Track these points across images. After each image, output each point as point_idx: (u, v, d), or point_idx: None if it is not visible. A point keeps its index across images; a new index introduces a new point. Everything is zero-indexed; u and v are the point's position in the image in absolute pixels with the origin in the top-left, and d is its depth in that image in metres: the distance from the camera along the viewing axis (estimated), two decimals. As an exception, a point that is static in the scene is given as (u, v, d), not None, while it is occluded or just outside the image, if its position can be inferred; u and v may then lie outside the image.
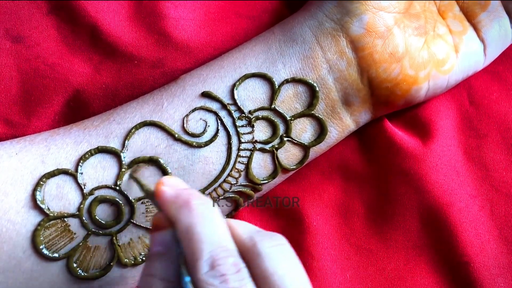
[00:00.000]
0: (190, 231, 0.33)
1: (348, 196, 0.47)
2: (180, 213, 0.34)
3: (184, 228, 0.34)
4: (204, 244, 0.33)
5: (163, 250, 0.35)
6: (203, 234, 0.33)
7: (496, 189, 0.46)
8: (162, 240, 0.35)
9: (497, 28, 0.46)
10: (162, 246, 0.35)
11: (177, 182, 0.37)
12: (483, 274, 0.44)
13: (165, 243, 0.35)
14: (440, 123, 0.47)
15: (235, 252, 0.34)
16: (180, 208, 0.34)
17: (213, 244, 0.33)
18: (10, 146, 0.42)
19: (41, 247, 0.41)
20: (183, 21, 0.46)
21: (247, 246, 0.34)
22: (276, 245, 0.34)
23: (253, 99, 0.43)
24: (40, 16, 0.45)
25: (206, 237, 0.33)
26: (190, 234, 0.33)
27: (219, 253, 0.33)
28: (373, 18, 0.43)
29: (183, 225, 0.34)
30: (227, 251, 0.33)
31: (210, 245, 0.33)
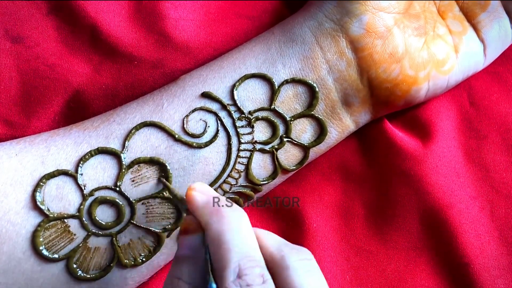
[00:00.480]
0: (220, 238, 0.33)
1: (348, 197, 0.47)
2: (211, 219, 0.34)
3: (214, 234, 0.34)
4: (232, 253, 0.33)
5: (191, 254, 0.35)
6: (232, 242, 0.33)
7: (496, 190, 0.46)
8: (190, 244, 0.35)
9: (497, 28, 0.46)
10: (190, 250, 0.35)
11: (207, 188, 0.37)
12: (483, 275, 0.44)
13: (194, 247, 0.35)
14: (440, 124, 0.47)
15: (262, 263, 0.34)
16: (211, 214, 0.35)
17: (241, 253, 0.33)
18: (10, 147, 0.42)
19: (41, 248, 0.40)
20: (183, 21, 0.46)
21: (274, 258, 0.34)
22: (303, 259, 0.34)
23: (253, 100, 0.43)
24: (40, 16, 0.45)
25: (235, 246, 0.33)
26: (219, 241, 0.33)
27: (246, 263, 0.33)
28: (372, 18, 0.43)
29: (213, 231, 0.34)
30: (254, 261, 0.33)
31: (238, 254, 0.33)
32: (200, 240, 0.35)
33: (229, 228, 0.34)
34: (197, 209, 0.36)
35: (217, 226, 0.34)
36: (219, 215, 0.34)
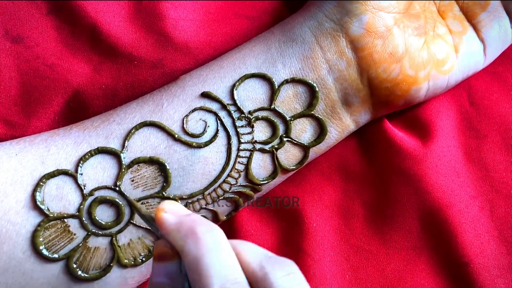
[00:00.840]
0: (198, 263, 0.32)
1: (348, 196, 0.47)
2: (186, 243, 0.32)
3: (191, 260, 0.32)
4: (214, 279, 0.31)
5: (167, 282, 0.33)
6: (211, 267, 0.32)
7: (496, 190, 0.46)
8: (166, 271, 0.33)
9: (497, 28, 0.46)
10: (167, 277, 0.33)
11: (178, 208, 0.35)
12: (483, 275, 0.44)
13: (170, 275, 0.33)
14: (440, 124, 0.47)
15: (245, 284, 0.32)
16: (185, 238, 0.32)
17: (223, 277, 0.32)
18: (10, 147, 0.42)
19: (41, 248, 0.40)
20: (182, 21, 0.46)
21: (257, 276, 0.32)
22: (288, 274, 0.32)
23: (253, 100, 0.43)
24: (39, 16, 0.45)
25: (215, 270, 0.32)
26: (198, 267, 0.32)
27: (229, 287, 0.31)
28: (372, 18, 0.43)
29: (190, 257, 0.32)
30: (236, 284, 0.32)
31: (219, 279, 0.31)
32: (177, 267, 0.33)
33: (207, 252, 0.32)
34: (170, 232, 0.33)
35: (194, 250, 0.32)
36: (194, 238, 0.32)
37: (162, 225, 0.34)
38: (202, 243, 0.32)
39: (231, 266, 0.32)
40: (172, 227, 0.33)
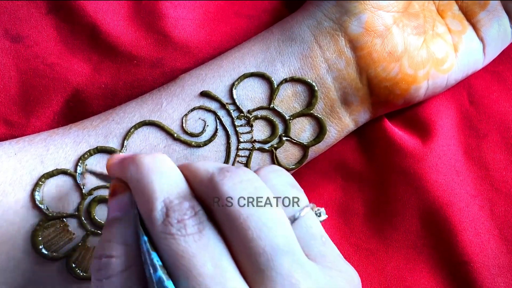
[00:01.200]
0: (140, 184, 0.32)
1: (348, 195, 0.47)
2: (129, 171, 0.33)
3: (134, 184, 0.32)
4: (156, 193, 0.31)
5: (121, 215, 0.33)
6: (153, 184, 0.32)
7: (496, 189, 0.46)
8: (119, 204, 0.34)
9: (496, 27, 0.46)
10: (120, 210, 0.33)
11: (124, 154, 0.35)
12: (483, 273, 0.44)
13: (123, 207, 0.33)
14: (440, 123, 0.47)
15: (189, 196, 0.32)
16: (127, 167, 0.33)
17: (165, 191, 0.31)
18: (9, 147, 0.42)
19: (40, 247, 0.41)
20: (182, 20, 0.46)
21: (207, 188, 0.32)
22: (239, 183, 0.31)
23: (252, 99, 0.43)
24: (39, 16, 0.45)
25: (157, 186, 0.31)
26: (140, 187, 0.32)
27: (172, 199, 0.31)
28: (371, 17, 0.43)
29: (133, 181, 0.32)
30: (180, 197, 0.31)
31: (161, 193, 0.31)
32: (128, 198, 0.33)
33: (148, 172, 0.32)
34: (117, 171, 0.34)
35: (135, 174, 0.32)
36: (135, 163, 0.32)
37: (110, 168, 0.34)
38: (143, 166, 0.32)
39: (174, 181, 0.32)
40: (117, 165, 0.34)
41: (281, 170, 0.35)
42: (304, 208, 0.33)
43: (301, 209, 0.33)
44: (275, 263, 0.30)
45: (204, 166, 0.33)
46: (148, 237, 0.31)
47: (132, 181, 0.33)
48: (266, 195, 0.32)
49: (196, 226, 0.31)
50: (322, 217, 0.35)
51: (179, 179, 0.33)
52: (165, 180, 0.32)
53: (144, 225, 0.32)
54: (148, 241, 0.31)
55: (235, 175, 0.32)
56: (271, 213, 0.31)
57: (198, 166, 0.33)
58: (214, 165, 0.33)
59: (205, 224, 0.31)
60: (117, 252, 0.32)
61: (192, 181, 0.33)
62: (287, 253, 0.30)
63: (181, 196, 0.32)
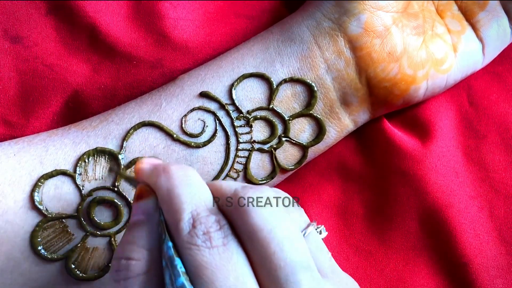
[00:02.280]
0: (170, 194, 0.33)
1: (347, 196, 0.47)
2: (159, 180, 0.34)
3: (163, 192, 0.33)
4: (184, 205, 0.32)
5: (145, 219, 0.34)
6: (182, 196, 0.33)
7: (495, 190, 0.46)
8: (144, 208, 0.34)
9: (495, 27, 0.46)
10: (144, 214, 0.34)
11: (153, 159, 0.36)
12: (482, 275, 0.44)
13: (147, 212, 0.34)
14: (440, 124, 0.47)
15: (216, 211, 0.33)
16: (158, 175, 0.34)
17: (193, 204, 0.32)
18: (8, 147, 0.42)
19: (39, 248, 0.40)
20: (182, 21, 0.46)
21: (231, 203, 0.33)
22: (262, 198, 0.33)
23: (251, 99, 0.43)
24: (38, 16, 0.45)
25: (186, 198, 0.32)
26: (169, 197, 0.33)
27: (200, 212, 0.32)
28: (371, 17, 0.43)
29: (162, 189, 0.33)
30: (208, 210, 0.32)
31: (190, 205, 0.32)
32: (153, 203, 0.34)
33: (178, 183, 0.33)
34: (146, 176, 0.35)
35: (166, 183, 0.33)
36: (166, 174, 0.33)
37: (139, 172, 0.35)
38: (174, 177, 0.33)
39: (201, 194, 0.33)
40: (147, 171, 0.35)
41: None
42: (309, 226, 0.35)
43: (306, 227, 0.35)
44: (294, 278, 0.30)
45: (228, 184, 0.34)
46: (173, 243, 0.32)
47: (161, 190, 0.33)
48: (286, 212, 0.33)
49: (221, 239, 0.31)
50: (323, 234, 0.36)
51: (207, 194, 0.34)
52: (194, 193, 0.33)
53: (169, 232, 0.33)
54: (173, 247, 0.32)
55: (259, 192, 0.33)
56: (292, 228, 0.32)
57: (222, 183, 0.34)
58: (238, 183, 0.35)
59: (230, 238, 0.32)
60: (138, 255, 0.33)
61: (217, 197, 0.34)
62: (306, 269, 0.31)
63: (208, 209, 0.33)
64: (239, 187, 0.34)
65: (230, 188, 0.34)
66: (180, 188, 0.33)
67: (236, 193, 0.33)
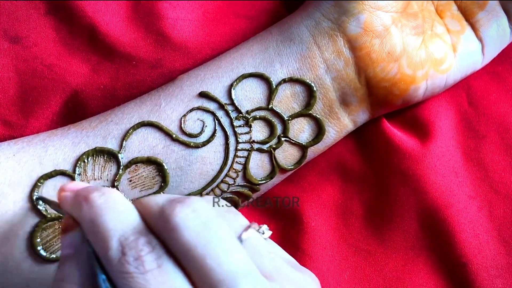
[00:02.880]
0: (94, 224, 0.31)
1: (347, 196, 0.47)
2: (81, 211, 0.32)
3: (87, 224, 0.32)
4: (110, 232, 0.31)
5: (73, 252, 0.33)
6: (107, 223, 0.31)
7: (495, 190, 0.46)
8: (71, 241, 0.33)
9: (495, 27, 0.46)
10: (72, 248, 0.33)
11: (76, 184, 0.35)
12: (481, 275, 0.44)
13: (75, 244, 0.33)
14: (439, 124, 0.47)
15: (145, 231, 0.31)
16: (80, 205, 0.32)
17: (120, 229, 0.31)
18: (7, 147, 0.42)
19: (39, 249, 0.40)
20: (181, 21, 0.46)
21: (159, 221, 0.31)
22: (191, 212, 0.31)
23: (251, 99, 0.43)
24: (38, 16, 0.45)
25: (111, 225, 0.31)
26: (94, 227, 0.31)
27: (127, 237, 0.31)
28: (370, 17, 0.43)
29: (86, 221, 0.32)
30: (136, 233, 0.31)
31: (116, 231, 0.31)
32: (79, 235, 0.33)
33: (101, 211, 0.31)
34: (68, 207, 0.34)
35: (88, 214, 0.32)
36: (88, 203, 0.32)
37: (62, 203, 0.34)
38: (95, 205, 0.32)
39: (127, 217, 0.32)
40: (69, 202, 0.33)
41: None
42: (248, 229, 0.33)
43: (244, 231, 0.33)
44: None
45: (154, 200, 0.32)
46: (105, 275, 0.31)
47: (84, 221, 0.32)
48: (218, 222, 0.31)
49: (154, 261, 0.30)
50: (266, 234, 0.34)
51: (134, 215, 0.32)
52: (118, 217, 0.31)
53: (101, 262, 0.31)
54: (107, 279, 0.30)
55: (186, 206, 0.31)
56: (227, 239, 0.31)
57: (148, 199, 0.33)
58: (164, 197, 0.33)
59: (164, 259, 0.30)
60: None
61: (145, 215, 0.32)
62: (246, 277, 0.30)
63: (137, 232, 0.31)
64: (166, 202, 0.32)
65: (157, 205, 0.32)
66: (103, 215, 0.31)
67: (163, 210, 0.31)
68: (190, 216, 0.31)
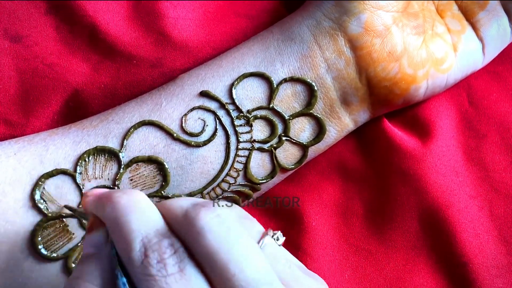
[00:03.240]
0: (117, 224, 0.31)
1: (347, 196, 0.47)
2: (105, 211, 0.32)
3: (111, 223, 0.32)
4: (134, 233, 0.31)
5: (95, 251, 0.32)
6: (129, 224, 0.31)
7: (495, 190, 0.46)
8: (94, 241, 0.33)
9: (495, 27, 0.46)
10: (93, 247, 0.33)
11: (100, 190, 0.35)
12: (481, 274, 0.44)
13: (97, 244, 0.33)
14: (440, 123, 0.47)
15: (168, 234, 0.31)
16: (104, 206, 0.32)
17: (143, 231, 0.31)
18: (8, 146, 0.42)
19: (40, 247, 0.40)
20: (182, 20, 0.46)
21: (183, 225, 0.31)
22: (215, 217, 0.31)
23: (252, 99, 0.43)
24: (38, 16, 0.45)
25: (134, 225, 0.31)
26: (118, 226, 0.31)
27: (151, 239, 0.30)
28: (371, 17, 0.43)
29: (110, 220, 0.32)
30: (159, 235, 0.31)
31: (139, 232, 0.31)
32: (103, 235, 0.33)
33: (124, 211, 0.31)
34: (93, 209, 0.33)
35: (112, 214, 0.31)
36: (111, 203, 0.32)
37: (86, 206, 0.34)
38: (119, 206, 0.32)
39: (150, 219, 0.31)
40: (93, 204, 0.33)
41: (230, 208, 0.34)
42: (265, 237, 0.33)
43: (262, 238, 0.33)
44: None
45: (178, 203, 0.32)
46: (127, 277, 0.30)
47: (108, 221, 0.32)
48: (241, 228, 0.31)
49: (177, 265, 0.30)
50: (280, 240, 0.34)
51: (157, 217, 0.32)
52: (142, 218, 0.31)
53: (123, 265, 0.31)
54: (127, 282, 0.30)
55: (211, 210, 0.31)
56: (249, 244, 0.31)
57: (172, 202, 0.33)
58: (189, 201, 0.33)
59: (186, 262, 0.30)
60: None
61: (168, 218, 0.32)
62: (268, 285, 0.30)
63: (160, 234, 0.31)
64: (190, 206, 0.32)
65: (182, 208, 0.32)
66: (126, 215, 0.31)
67: (188, 214, 0.31)
68: (214, 220, 0.31)
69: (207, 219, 0.31)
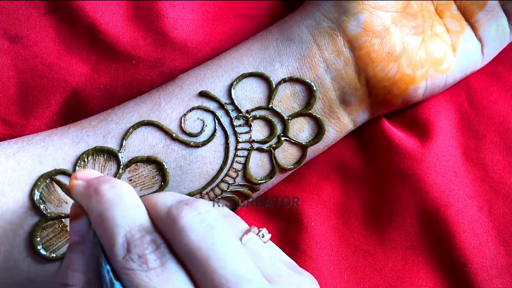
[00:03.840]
0: (102, 218, 0.32)
1: (346, 196, 0.47)
2: (90, 203, 0.33)
3: (95, 216, 0.32)
4: (117, 228, 0.31)
5: (79, 240, 0.33)
6: (114, 219, 0.32)
7: (494, 190, 0.46)
8: (78, 229, 0.34)
9: (494, 27, 0.46)
10: (78, 236, 0.34)
11: (88, 173, 0.35)
12: (481, 275, 0.44)
13: (81, 233, 0.34)
14: (439, 124, 0.47)
15: (151, 229, 0.32)
16: (90, 197, 0.33)
17: (127, 225, 0.31)
18: (7, 147, 0.42)
19: (39, 248, 0.40)
20: (181, 21, 0.46)
21: (166, 222, 0.32)
22: (197, 215, 0.32)
23: (251, 99, 0.43)
24: (38, 16, 0.45)
25: (118, 220, 0.32)
26: (102, 221, 0.32)
27: (134, 234, 0.31)
28: (370, 17, 0.43)
29: (94, 213, 0.32)
30: (142, 230, 0.32)
31: (123, 227, 0.31)
32: (86, 223, 0.34)
33: (110, 205, 0.32)
34: (78, 196, 0.34)
35: (97, 207, 0.32)
36: (98, 196, 0.33)
37: (73, 191, 0.34)
38: (104, 199, 0.32)
39: (135, 214, 0.32)
40: (80, 191, 0.34)
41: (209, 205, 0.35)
42: (248, 233, 0.34)
43: (245, 235, 0.34)
44: None
45: (163, 199, 0.33)
46: (111, 265, 0.31)
47: (93, 213, 0.33)
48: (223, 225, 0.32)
49: (158, 260, 0.31)
50: (265, 237, 0.35)
51: (142, 212, 0.33)
52: (126, 214, 0.32)
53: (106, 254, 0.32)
54: (111, 270, 0.31)
55: (193, 208, 0.32)
56: (231, 242, 0.31)
57: (157, 198, 0.33)
58: (173, 197, 0.33)
59: (167, 258, 0.31)
60: (73, 280, 0.32)
61: (152, 214, 0.33)
62: (250, 281, 0.30)
63: (143, 229, 0.32)
64: (174, 203, 0.32)
65: (165, 205, 0.33)
66: (111, 210, 0.32)
67: (170, 211, 0.32)
68: (196, 218, 0.31)
69: (189, 217, 0.31)
